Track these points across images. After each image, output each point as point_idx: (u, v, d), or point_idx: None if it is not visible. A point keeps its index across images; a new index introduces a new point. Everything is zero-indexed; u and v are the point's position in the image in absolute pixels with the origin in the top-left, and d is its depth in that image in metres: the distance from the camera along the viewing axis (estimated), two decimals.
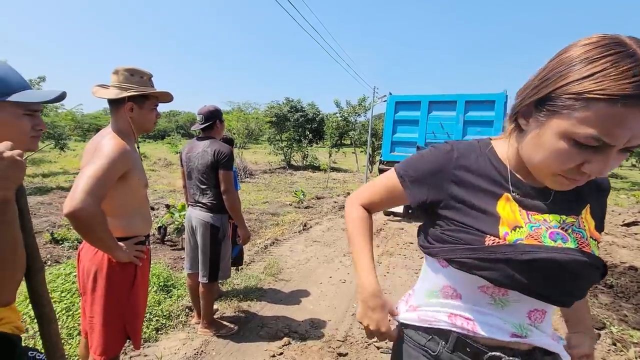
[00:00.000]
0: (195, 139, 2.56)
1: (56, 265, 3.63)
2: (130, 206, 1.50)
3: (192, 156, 2.45)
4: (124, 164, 1.39)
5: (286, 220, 6.35)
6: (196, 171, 2.42)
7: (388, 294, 3.41)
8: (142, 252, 1.51)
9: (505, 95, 6.10)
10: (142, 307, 1.60)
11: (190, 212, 2.53)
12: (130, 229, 1.50)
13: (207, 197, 2.42)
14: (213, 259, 2.43)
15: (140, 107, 1.52)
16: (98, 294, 1.42)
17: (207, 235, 2.41)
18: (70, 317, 2.52)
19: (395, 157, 6.78)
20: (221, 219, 2.45)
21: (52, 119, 11.96)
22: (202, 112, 2.51)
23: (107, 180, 1.31)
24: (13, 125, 0.91)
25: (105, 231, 1.32)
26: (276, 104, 23.13)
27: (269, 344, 2.47)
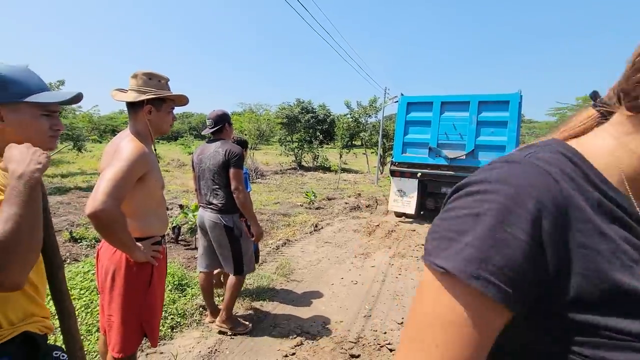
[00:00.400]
0: (206, 141, 2.65)
1: (75, 263, 3.74)
2: (147, 207, 1.53)
3: (203, 158, 2.53)
4: (143, 166, 1.43)
5: (297, 221, 6.37)
6: (208, 171, 2.49)
7: (400, 296, 3.39)
8: (158, 252, 1.55)
9: (520, 96, 5.99)
10: (159, 305, 1.64)
11: (202, 213, 2.59)
12: (147, 230, 1.54)
13: (218, 198, 2.47)
14: (236, 256, 2.50)
15: (158, 110, 1.57)
16: (116, 292, 1.46)
17: (223, 235, 2.47)
18: (89, 314, 2.59)
19: (407, 158, 6.73)
20: (232, 218, 2.51)
21: (70, 120, 12.28)
22: (212, 116, 2.61)
23: (126, 182, 1.35)
24: (31, 125, 0.95)
25: (124, 232, 1.36)
26: (287, 105, 23.25)
27: (282, 344, 2.49)
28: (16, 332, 0.87)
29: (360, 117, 18.80)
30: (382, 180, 14.12)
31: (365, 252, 4.76)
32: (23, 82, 0.93)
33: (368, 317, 2.95)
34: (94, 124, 13.41)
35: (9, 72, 0.91)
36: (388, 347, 2.50)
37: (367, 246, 5.04)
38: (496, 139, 6.00)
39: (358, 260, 4.43)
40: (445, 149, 6.34)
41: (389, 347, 2.50)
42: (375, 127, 18.26)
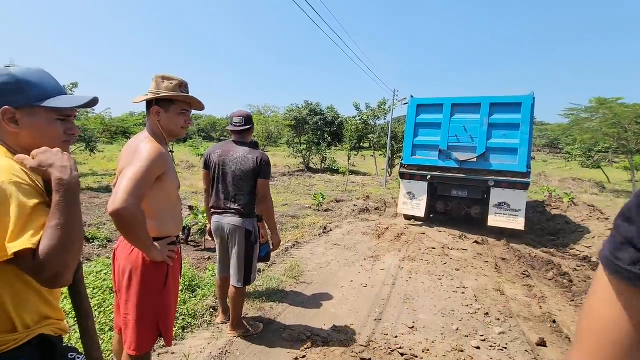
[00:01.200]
0: (231, 142, 2.53)
1: (87, 263, 3.79)
2: (163, 207, 1.55)
3: (227, 160, 2.43)
4: (161, 166, 1.46)
5: (306, 223, 6.37)
6: (232, 176, 2.41)
7: (411, 300, 3.35)
8: (173, 252, 1.56)
9: (532, 97, 5.90)
10: (174, 305, 1.65)
11: (220, 219, 2.48)
12: (163, 230, 1.55)
13: (240, 202, 2.41)
14: (247, 264, 2.44)
15: (166, 111, 1.58)
16: (132, 291, 1.48)
17: (243, 240, 2.41)
18: (102, 313, 2.62)
19: (417, 160, 6.68)
20: (253, 222, 2.47)
21: (82, 122, 12.51)
22: (242, 114, 2.52)
23: (146, 182, 1.38)
24: (46, 129, 0.96)
25: (144, 231, 1.38)
26: (295, 107, 23.31)
27: (292, 346, 2.48)
28: (32, 334, 0.88)
29: (368, 119, 18.76)
30: (391, 183, 14.04)
31: (375, 254, 4.72)
32: (40, 85, 0.93)
33: (379, 321, 2.92)
34: (105, 126, 13.64)
35: (26, 75, 0.91)
36: (399, 352, 2.46)
37: (377, 249, 5.01)
38: (508, 142, 5.91)
39: (367, 263, 4.40)
40: (456, 152, 6.28)
41: (400, 352, 2.46)
42: (383, 129, 18.20)
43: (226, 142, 2.57)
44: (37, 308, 0.90)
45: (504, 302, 3.39)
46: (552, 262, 4.73)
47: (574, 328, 3.02)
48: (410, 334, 2.73)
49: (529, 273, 4.29)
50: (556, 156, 40.05)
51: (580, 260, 5.13)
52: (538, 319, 3.11)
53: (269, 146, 22.81)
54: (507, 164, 5.86)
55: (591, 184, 16.52)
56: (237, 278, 2.45)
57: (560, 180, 17.89)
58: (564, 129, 19.07)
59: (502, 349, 2.58)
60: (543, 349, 2.62)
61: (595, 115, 15.16)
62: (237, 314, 2.55)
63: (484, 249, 5.24)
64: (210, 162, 2.52)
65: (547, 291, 3.81)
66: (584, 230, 6.42)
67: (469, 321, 2.98)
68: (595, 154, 20.74)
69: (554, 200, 9.81)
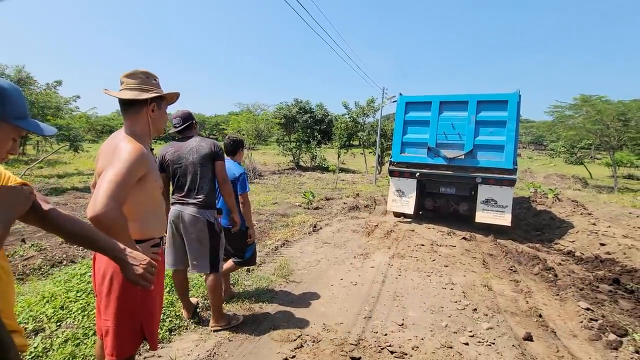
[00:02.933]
0: (176, 140, 2.61)
1: (72, 265, 3.69)
2: (146, 208, 1.50)
3: (182, 154, 2.49)
4: (143, 167, 1.41)
5: (296, 222, 6.34)
6: (192, 165, 2.46)
7: (400, 297, 3.36)
8: (157, 255, 1.51)
9: (518, 95, 5.99)
10: (158, 308, 1.61)
11: (179, 209, 2.47)
12: (146, 231, 1.51)
13: (202, 192, 2.46)
14: (213, 252, 2.49)
15: (159, 108, 1.57)
16: (113, 296, 1.43)
17: (205, 230, 2.45)
18: (85, 317, 2.55)
19: (406, 158, 6.71)
20: (213, 214, 2.54)
21: (67, 121, 12.20)
22: (179, 115, 2.61)
23: (128, 184, 1.32)
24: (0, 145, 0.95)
25: (126, 235, 1.32)
26: (285, 105, 23.20)
27: (281, 346, 2.46)
28: None
29: (358, 117, 18.79)
30: (380, 180, 14.11)
31: (365, 252, 4.73)
32: (18, 103, 0.94)
33: (368, 319, 2.92)
34: (90, 125, 13.32)
35: (10, 90, 0.92)
36: (389, 349, 2.47)
37: (366, 247, 5.02)
38: (495, 139, 5.99)
39: (357, 260, 4.40)
40: (444, 149, 6.33)
41: (389, 349, 2.47)
42: (373, 127, 18.24)
43: (174, 142, 2.61)
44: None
45: (492, 298, 3.44)
46: (538, 257, 4.82)
47: (560, 322, 3.08)
48: (399, 332, 2.74)
49: (515, 268, 4.36)
50: (541, 153, 40.89)
51: (565, 254, 5.24)
52: (524, 314, 3.16)
53: (258, 144, 22.64)
54: (494, 161, 5.95)
55: (574, 180, 16.92)
56: (203, 266, 2.50)
57: (545, 176, 18.27)
58: (549, 126, 19.48)
59: (490, 344, 2.61)
60: (530, 343, 2.67)
61: (579, 112, 15.52)
62: (217, 304, 2.57)
63: (472, 245, 5.31)
64: (165, 162, 2.53)
65: (533, 286, 3.88)
66: (568, 225, 6.56)
67: (458, 317, 3.01)
68: (578, 150, 21.25)
69: (539, 196, 10.01)
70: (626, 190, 14.28)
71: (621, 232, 5.74)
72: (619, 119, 14.17)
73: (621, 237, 5.40)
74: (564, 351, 2.57)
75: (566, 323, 3.07)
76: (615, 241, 5.25)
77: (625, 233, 5.69)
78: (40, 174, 10.58)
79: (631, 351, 2.58)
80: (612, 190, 14.05)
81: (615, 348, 2.62)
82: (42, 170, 11.41)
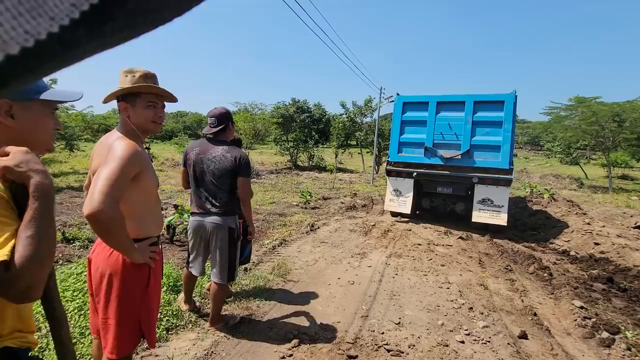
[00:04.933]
0: (206, 140, 2.51)
1: (68, 264, 3.68)
2: (142, 207, 1.51)
3: (205, 159, 2.40)
4: (137, 165, 1.40)
5: (293, 221, 6.35)
6: (210, 175, 2.38)
7: (397, 296, 3.39)
8: (155, 253, 1.52)
9: (514, 96, 6.03)
10: (156, 307, 1.62)
11: (201, 219, 2.46)
12: (142, 230, 1.51)
13: (220, 201, 2.40)
14: (231, 262, 2.46)
15: (133, 106, 1.49)
16: (113, 295, 1.43)
17: (226, 238, 2.41)
18: (82, 316, 2.54)
19: (403, 158, 6.74)
20: (235, 220, 2.48)
21: (62, 120, 12.14)
22: (214, 114, 2.45)
23: (123, 182, 1.33)
24: (42, 123, 0.91)
25: (123, 233, 1.33)
26: (282, 104, 23.16)
27: (279, 345, 2.47)
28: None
29: (355, 116, 18.82)
30: (378, 180, 14.14)
31: (362, 252, 4.75)
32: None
33: (365, 318, 2.94)
34: (86, 123, 13.26)
35: None
36: (386, 348, 2.49)
37: (364, 246, 5.04)
38: (491, 139, 6.03)
39: (355, 260, 4.42)
40: (441, 149, 6.36)
41: (386, 348, 2.49)
42: (370, 126, 18.29)
43: (203, 140, 2.51)
44: (8, 321, 0.86)
45: (488, 297, 3.47)
46: (533, 257, 4.86)
47: (554, 320, 3.12)
48: (396, 330, 2.76)
49: (511, 267, 4.40)
50: (537, 153, 41.14)
51: (560, 254, 5.29)
52: (520, 312, 3.19)
53: (256, 144, 22.62)
54: (491, 161, 5.99)
55: (570, 180, 17.04)
56: (221, 276, 2.46)
57: (541, 176, 18.38)
58: (545, 127, 19.60)
59: (485, 342, 2.64)
60: (524, 341, 2.70)
61: (574, 113, 15.65)
62: (218, 309, 2.58)
63: (468, 245, 5.34)
64: (188, 159, 2.49)
65: (529, 285, 3.91)
66: (563, 225, 6.62)
67: (454, 316, 3.04)
68: (574, 151, 21.41)
69: (535, 196, 10.08)
70: (620, 191, 14.41)
71: (615, 231, 5.80)
72: (614, 120, 14.31)
73: (615, 237, 5.46)
74: (558, 349, 2.61)
75: (560, 321, 3.11)
76: (610, 241, 5.31)
77: (619, 233, 5.76)
78: None
79: (623, 348, 2.62)
80: (607, 191, 14.17)
81: (607, 345, 2.65)
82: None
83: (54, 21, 0.15)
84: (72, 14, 0.16)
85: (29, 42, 0.15)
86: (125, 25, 0.17)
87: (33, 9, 0.15)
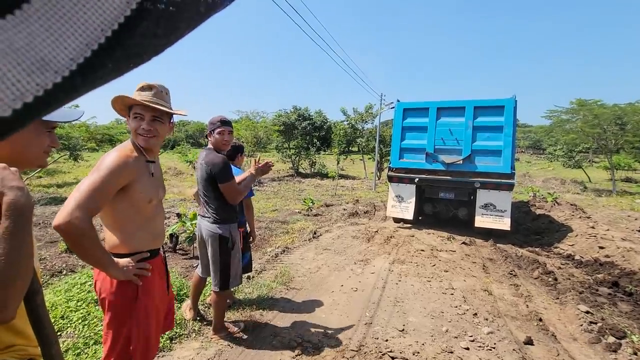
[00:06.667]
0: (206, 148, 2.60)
1: (71, 275, 3.70)
2: (131, 221, 1.45)
3: (197, 166, 2.50)
4: (125, 176, 1.36)
5: (296, 228, 6.35)
6: (198, 182, 2.47)
7: (401, 303, 3.37)
8: (144, 270, 1.45)
9: (514, 100, 6.05)
10: (153, 329, 1.51)
11: (199, 222, 2.56)
12: (132, 244, 1.45)
13: (212, 209, 2.43)
14: (223, 269, 2.45)
15: (128, 117, 1.50)
16: (105, 315, 1.43)
17: (217, 247, 2.42)
18: (86, 326, 2.55)
19: (404, 164, 6.75)
20: (229, 228, 2.45)
21: (66, 131, 12.25)
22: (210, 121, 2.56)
23: (102, 193, 1.28)
24: (34, 142, 0.92)
25: (95, 247, 1.27)
26: (284, 112, 23.28)
27: (282, 353, 2.46)
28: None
29: (356, 123, 18.89)
30: (380, 186, 14.13)
31: (365, 258, 4.74)
32: None
33: (369, 325, 2.92)
34: (90, 134, 13.38)
35: None
36: (390, 355, 2.47)
37: (367, 252, 5.03)
38: (492, 144, 6.04)
39: (358, 266, 4.41)
40: (442, 155, 6.38)
41: (390, 355, 2.47)
42: (372, 133, 18.34)
43: (205, 149, 2.56)
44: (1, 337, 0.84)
45: (492, 302, 3.45)
46: (538, 261, 4.83)
47: (560, 326, 3.09)
48: (400, 337, 2.75)
49: (515, 272, 4.37)
50: (539, 157, 41.02)
51: (564, 258, 5.25)
52: (525, 318, 3.16)
53: (258, 151, 22.69)
54: (492, 166, 5.99)
55: (573, 183, 16.96)
56: (214, 282, 2.48)
57: (543, 180, 18.31)
58: (546, 130, 19.57)
59: (490, 348, 2.61)
60: (530, 347, 2.67)
61: (576, 116, 15.64)
62: (218, 318, 2.57)
63: (471, 250, 5.32)
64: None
65: (533, 290, 3.88)
66: (567, 229, 6.58)
67: (458, 322, 3.02)
68: (576, 154, 21.35)
69: (538, 200, 10.03)
70: (624, 193, 14.31)
71: (620, 235, 5.76)
72: (616, 122, 14.29)
73: (620, 240, 5.42)
74: (564, 354, 2.58)
75: (566, 326, 3.08)
76: (614, 244, 5.27)
77: (624, 236, 5.71)
78: (40, 183, 10.59)
79: (629, 353, 2.59)
80: (610, 194, 14.09)
81: (614, 350, 2.63)
82: (41, 179, 11.42)
83: (57, 74, 0.19)
84: (71, 67, 0.19)
85: (39, 92, 0.19)
86: (114, 69, 0.21)
87: (42, 67, 0.19)
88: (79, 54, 0.19)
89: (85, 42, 0.19)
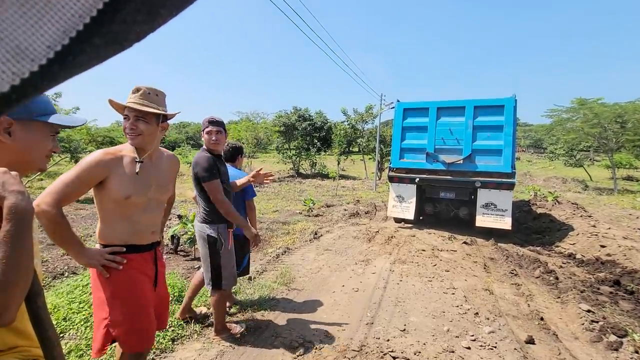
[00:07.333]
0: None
1: (73, 277, 3.71)
2: (110, 214, 1.55)
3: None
4: (100, 171, 1.47)
5: (297, 229, 6.36)
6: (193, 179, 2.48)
7: (402, 303, 3.37)
8: (113, 262, 1.52)
9: (514, 100, 6.06)
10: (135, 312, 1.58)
11: (195, 222, 2.58)
12: (108, 236, 1.57)
13: (202, 208, 2.45)
14: (214, 269, 2.45)
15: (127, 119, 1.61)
16: None
17: (205, 246, 2.43)
18: (88, 327, 2.56)
19: (405, 164, 6.76)
20: (217, 229, 2.42)
21: (67, 133, 12.28)
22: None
23: (74, 185, 1.41)
24: (39, 145, 0.93)
25: (65, 233, 1.40)
26: (284, 113, 23.31)
27: (284, 353, 2.47)
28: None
29: (357, 123, 18.92)
30: (381, 186, 14.14)
31: (366, 258, 4.74)
32: (41, 100, 0.93)
33: (370, 325, 2.93)
34: (91, 136, 13.39)
35: None
36: (391, 355, 2.47)
37: (368, 253, 5.03)
38: (493, 143, 6.04)
39: (359, 267, 4.41)
40: (443, 154, 6.38)
41: (392, 355, 2.48)
42: (372, 133, 18.35)
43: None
44: (2, 338, 0.84)
45: (493, 302, 3.45)
46: (539, 260, 4.83)
47: (561, 325, 3.09)
48: (401, 337, 2.75)
49: (516, 272, 4.37)
50: (540, 156, 40.97)
51: (566, 257, 5.25)
52: (526, 317, 3.16)
53: (258, 152, 22.73)
54: (493, 165, 5.99)
55: (574, 182, 16.95)
56: (206, 281, 2.50)
57: (544, 179, 18.30)
58: (547, 129, 19.57)
59: (492, 348, 2.62)
60: (531, 346, 2.67)
61: (577, 115, 15.64)
62: (218, 318, 2.59)
63: (472, 250, 5.32)
64: None
65: (535, 289, 3.88)
66: (568, 228, 6.57)
67: (459, 322, 3.02)
68: (577, 153, 21.33)
69: (539, 199, 10.03)
70: (626, 192, 14.30)
71: (621, 233, 5.75)
72: (616, 121, 14.27)
73: (621, 239, 5.41)
74: (566, 353, 2.58)
75: (568, 325, 3.08)
76: (616, 243, 5.26)
77: (626, 235, 5.70)
78: (41, 185, 10.63)
79: (631, 351, 2.59)
80: (611, 192, 14.07)
81: (615, 349, 2.62)
82: (43, 182, 11.46)
83: (34, 62, 0.19)
84: (48, 54, 0.19)
85: (16, 81, 0.19)
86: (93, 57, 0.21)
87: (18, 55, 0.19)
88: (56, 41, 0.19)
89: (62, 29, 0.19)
